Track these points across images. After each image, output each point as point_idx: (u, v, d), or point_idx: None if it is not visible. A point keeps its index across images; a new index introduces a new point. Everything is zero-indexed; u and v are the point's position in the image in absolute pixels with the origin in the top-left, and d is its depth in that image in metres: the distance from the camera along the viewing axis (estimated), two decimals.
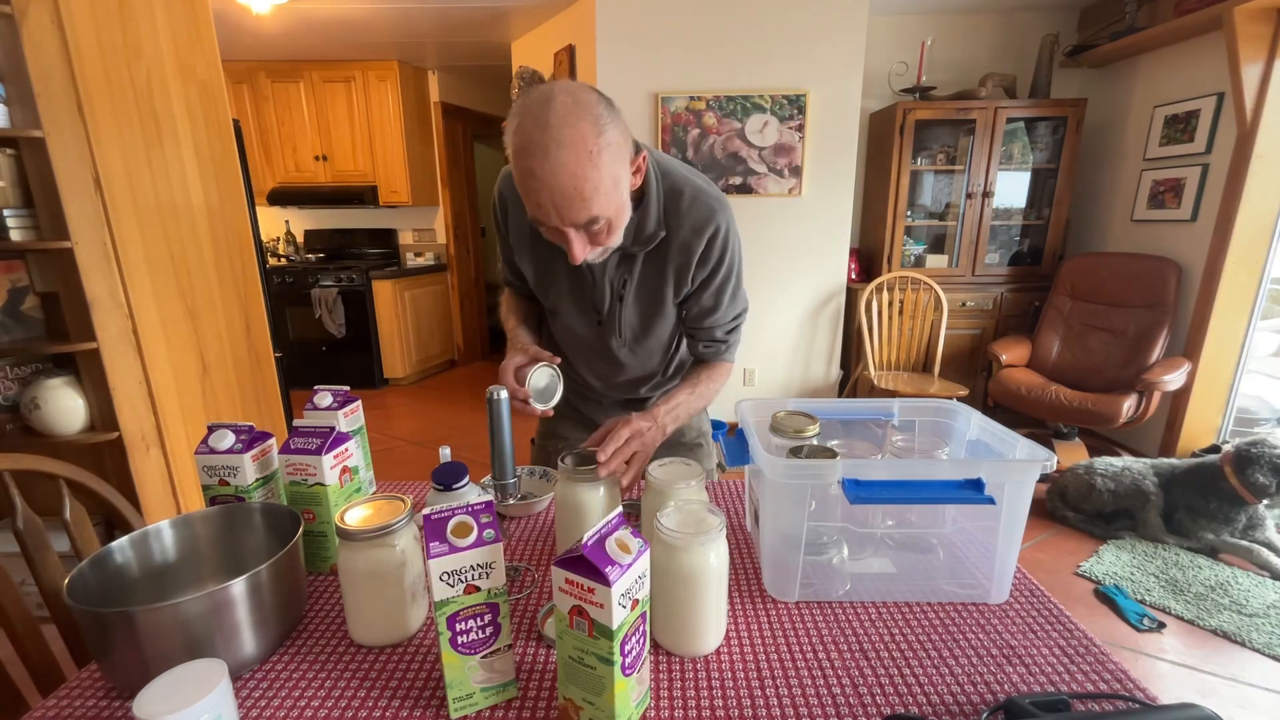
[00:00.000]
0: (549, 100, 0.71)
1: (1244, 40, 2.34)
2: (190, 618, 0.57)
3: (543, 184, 0.71)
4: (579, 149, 0.70)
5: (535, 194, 0.73)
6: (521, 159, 0.71)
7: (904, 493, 0.67)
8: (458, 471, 0.80)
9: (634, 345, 1.03)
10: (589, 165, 0.71)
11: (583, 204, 0.73)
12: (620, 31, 3.04)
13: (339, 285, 4.14)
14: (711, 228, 0.91)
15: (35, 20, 1.39)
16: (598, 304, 0.98)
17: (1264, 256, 2.53)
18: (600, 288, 0.96)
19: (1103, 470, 2.30)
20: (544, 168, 0.70)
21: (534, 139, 0.70)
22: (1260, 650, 1.67)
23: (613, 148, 0.73)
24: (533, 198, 0.73)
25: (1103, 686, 0.59)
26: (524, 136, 0.71)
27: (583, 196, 0.72)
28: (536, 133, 0.70)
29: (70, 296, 1.55)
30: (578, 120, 0.70)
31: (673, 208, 0.90)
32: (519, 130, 0.72)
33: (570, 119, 0.70)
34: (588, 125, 0.71)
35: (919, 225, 3.40)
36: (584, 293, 0.98)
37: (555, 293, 1.00)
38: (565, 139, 0.69)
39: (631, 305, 0.98)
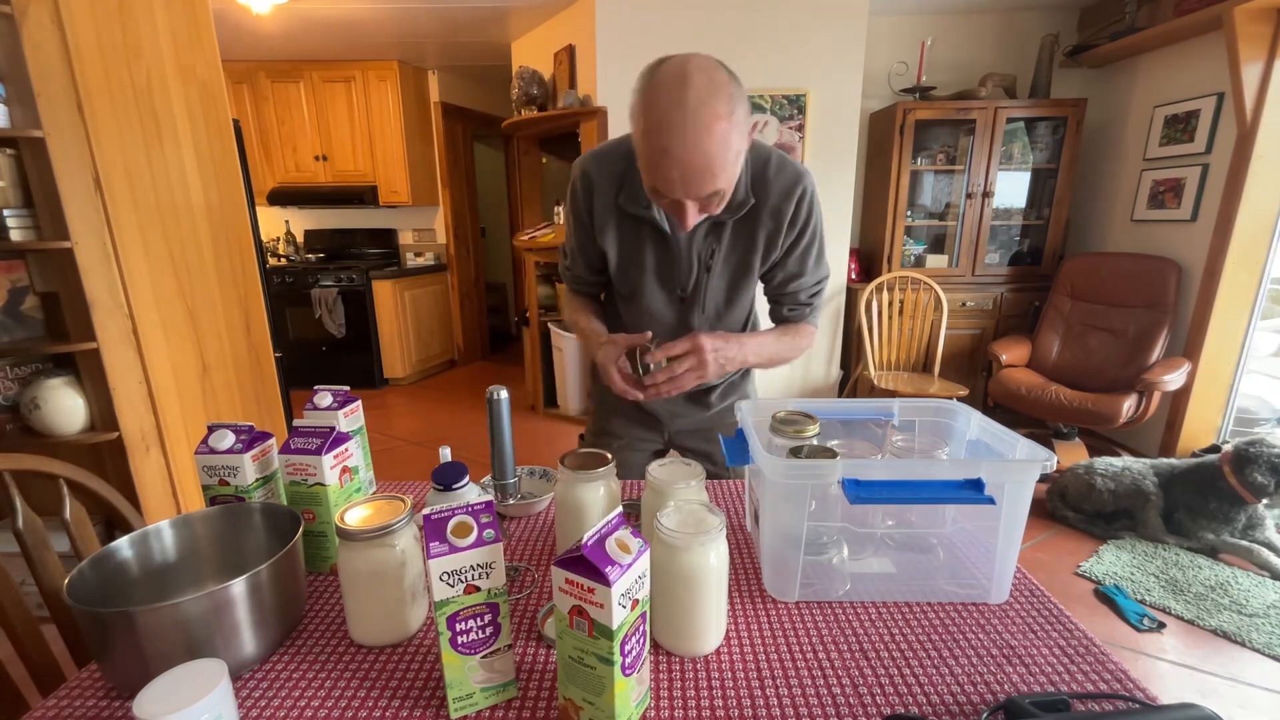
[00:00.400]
0: (686, 79, 0.72)
1: (1244, 40, 2.34)
2: (190, 618, 0.57)
3: (676, 162, 0.74)
4: (715, 130, 0.73)
5: (666, 170, 0.75)
6: (656, 136, 0.73)
7: (904, 493, 0.67)
8: (458, 471, 0.80)
9: (715, 320, 1.06)
10: (722, 145, 0.74)
11: (711, 180, 0.76)
12: (620, 31, 3.04)
13: (339, 285, 4.15)
14: (799, 190, 0.96)
15: (35, 20, 1.39)
16: (683, 279, 1.01)
17: (1264, 256, 2.53)
18: (688, 260, 0.99)
19: (1103, 470, 2.30)
20: (681, 146, 0.73)
21: (671, 118, 0.72)
22: (1260, 650, 1.67)
23: (740, 125, 0.76)
24: (661, 173, 0.76)
25: (1103, 686, 0.59)
26: (660, 114, 0.73)
27: (712, 173, 0.75)
28: (674, 112, 0.72)
29: (70, 296, 1.55)
30: (714, 100, 0.72)
31: (760, 174, 0.94)
32: (652, 106, 0.73)
33: (707, 99, 0.72)
34: (722, 105, 0.73)
35: (919, 225, 3.40)
36: (669, 268, 1.00)
37: (637, 272, 1.01)
38: (703, 119, 0.72)
39: (719, 275, 1.01)
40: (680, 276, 1.01)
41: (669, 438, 1.21)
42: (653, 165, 0.77)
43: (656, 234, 0.98)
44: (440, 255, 4.87)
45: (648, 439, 1.20)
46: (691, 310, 1.04)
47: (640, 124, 0.76)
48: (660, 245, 0.99)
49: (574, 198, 1.01)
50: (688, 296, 1.03)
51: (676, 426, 1.19)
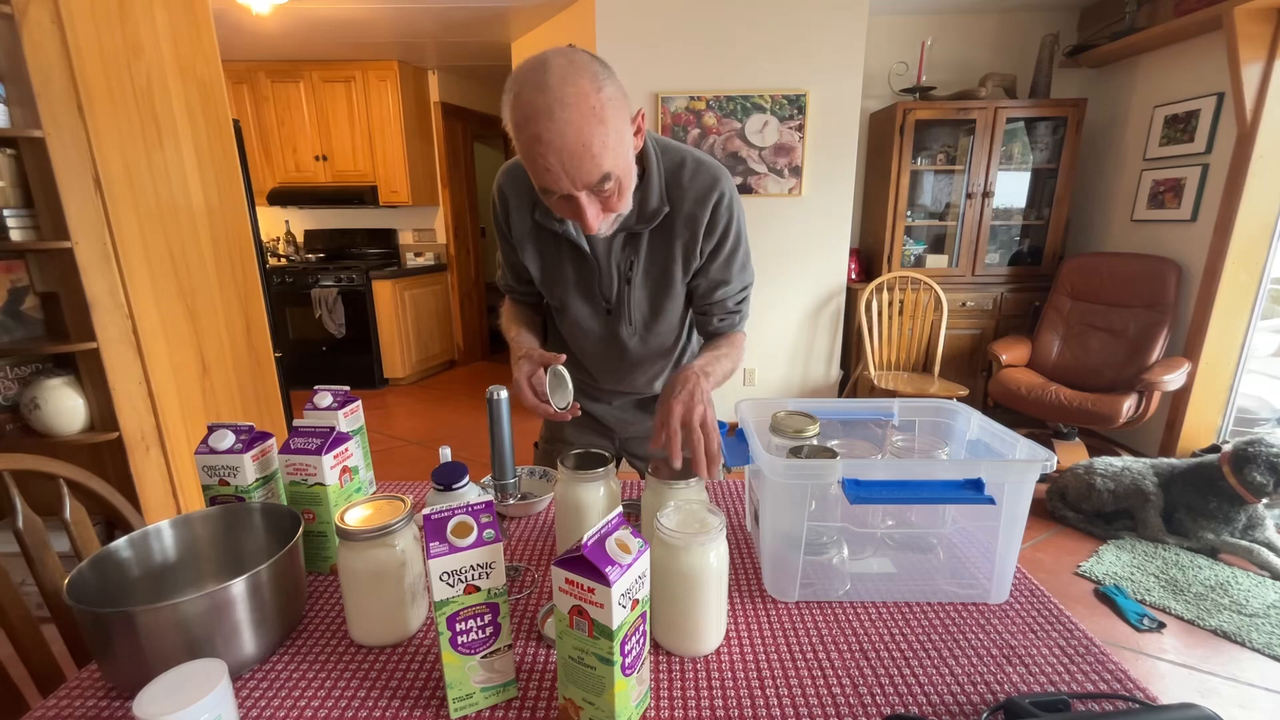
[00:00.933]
0: (544, 64, 0.70)
1: (1244, 40, 2.34)
2: (190, 618, 0.57)
3: (550, 146, 0.70)
4: (582, 105, 0.69)
5: (543, 159, 0.71)
6: (526, 127, 0.70)
7: (904, 493, 0.67)
8: (458, 471, 0.80)
9: (644, 332, 1.03)
10: (594, 120, 0.70)
11: (593, 161, 0.72)
12: (620, 31, 3.04)
13: (339, 285, 4.14)
14: (715, 195, 0.91)
15: (35, 20, 1.39)
16: (605, 291, 0.98)
17: (1264, 256, 2.53)
18: (607, 272, 0.96)
19: (1102, 470, 2.30)
20: (550, 129, 0.69)
21: (536, 104, 0.69)
22: (1260, 650, 1.67)
23: (614, 101, 0.73)
24: (540, 163, 0.72)
25: (1103, 686, 0.59)
26: (525, 104, 0.70)
27: (592, 153, 0.71)
28: (538, 97, 0.69)
29: (70, 296, 1.55)
30: (576, 78, 0.70)
31: (674, 180, 0.90)
32: (518, 100, 0.71)
33: (570, 77, 0.69)
34: (587, 81, 0.70)
35: (919, 225, 3.40)
36: (591, 280, 0.98)
37: (561, 285, 0.99)
38: (568, 97, 0.69)
39: (640, 287, 0.98)
40: (602, 289, 0.98)
41: (620, 444, 1.20)
42: (531, 159, 0.72)
43: (574, 248, 0.95)
44: (440, 255, 4.87)
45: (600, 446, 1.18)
46: (618, 322, 1.01)
47: (511, 125, 0.73)
48: (579, 259, 0.96)
49: (493, 212, 1.00)
50: (612, 309, 1.00)
51: (628, 434, 1.18)
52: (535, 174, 0.74)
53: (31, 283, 1.62)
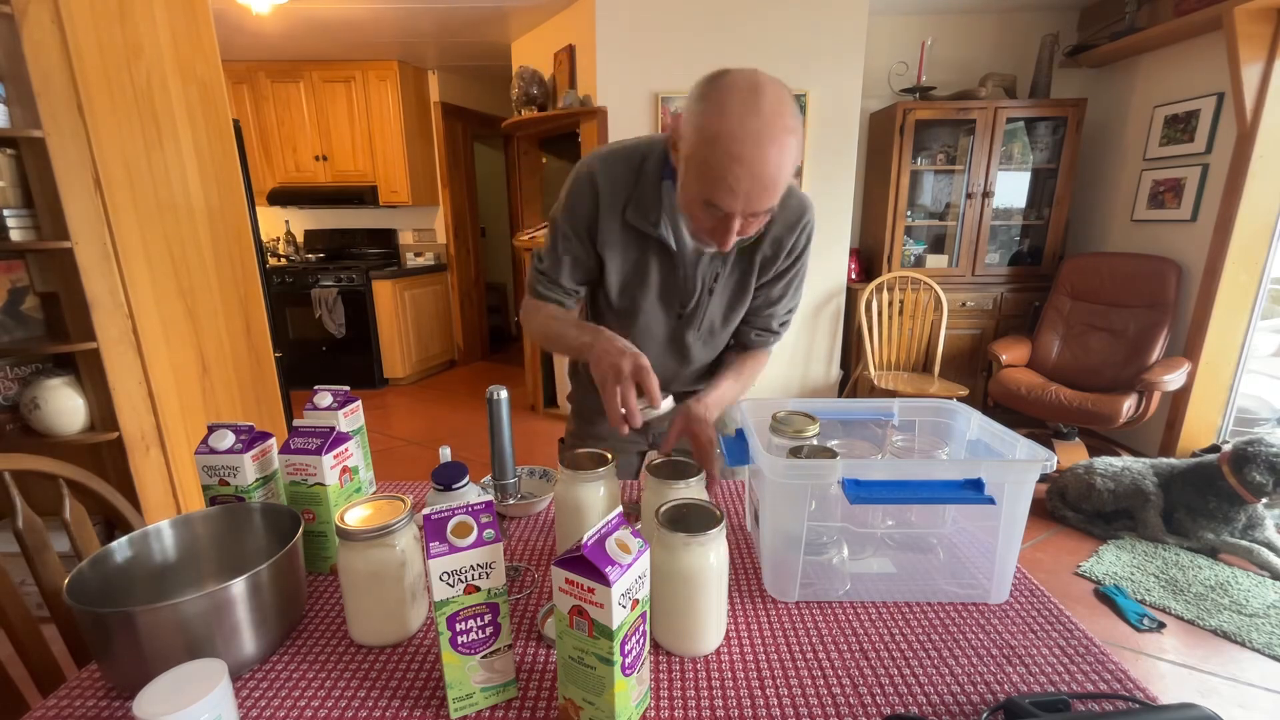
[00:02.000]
0: (759, 89, 0.72)
1: (1244, 40, 2.34)
2: (190, 618, 0.57)
3: (747, 171, 0.72)
4: (784, 142, 0.72)
5: (734, 179, 0.72)
6: (727, 144, 0.71)
7: (904, 493, 0.67)
8: (458, 471, 0.80)
9: (708, 337, 1.06)
10: (788, 159, 0.73)
11: (774, 194, 0.75)
12: (620, 31, 3.04)
13: (339, 285, 4.15)
14: (804, 223, 0.96)
15: (35, 20, 1.39)
16: (684, 298, 1.00)
17: (1264, 256, 2.53)
18: (691, 281, 0.98)
19: (1102, 470, 2.31)
20: (754, 156, 0.71)
21: (746, 126, 0.70)
22: (1260, 650, 1.67)
23: (800, 145, 0.76)
24: (727, 181, 0.73)
25: (1103, 686, 0.59)
26: (733, 122, 0.71)
27: (776, 187, 0.74)
28: (751, 120, 0.70)
29: (70, 296, 1.55)
30: (784, 113, 0.72)
31: None
32: (723, 114, 0.71)
33: (781, 112, 0.72)
34: (791, 119, 0.73)
35: (919, 225, 3.40)
36: (673, 286, 0.99)
37: (640, 290, 0.99)
38: (776, 131, 0.71)
39: (719, 297, 1.01)
40: (684, 296, 1.00)
41: (653, 439, 1.21)
42: (716, 176, 0.73)
43: (663, 252, 0.96)
44: (440, 255, 4.87)
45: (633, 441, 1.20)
46: (687, 329, 1.03)
47: (703, 132, 0.73)
48: (666, 264, 0.97)
49: (574, 201, 0.95)
50: (685, 315, 1.02)
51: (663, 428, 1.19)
52: (713, 188, 0.75)
53: (31, 283, 1.62)
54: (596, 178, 0.93)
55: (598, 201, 0.93)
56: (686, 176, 0.79)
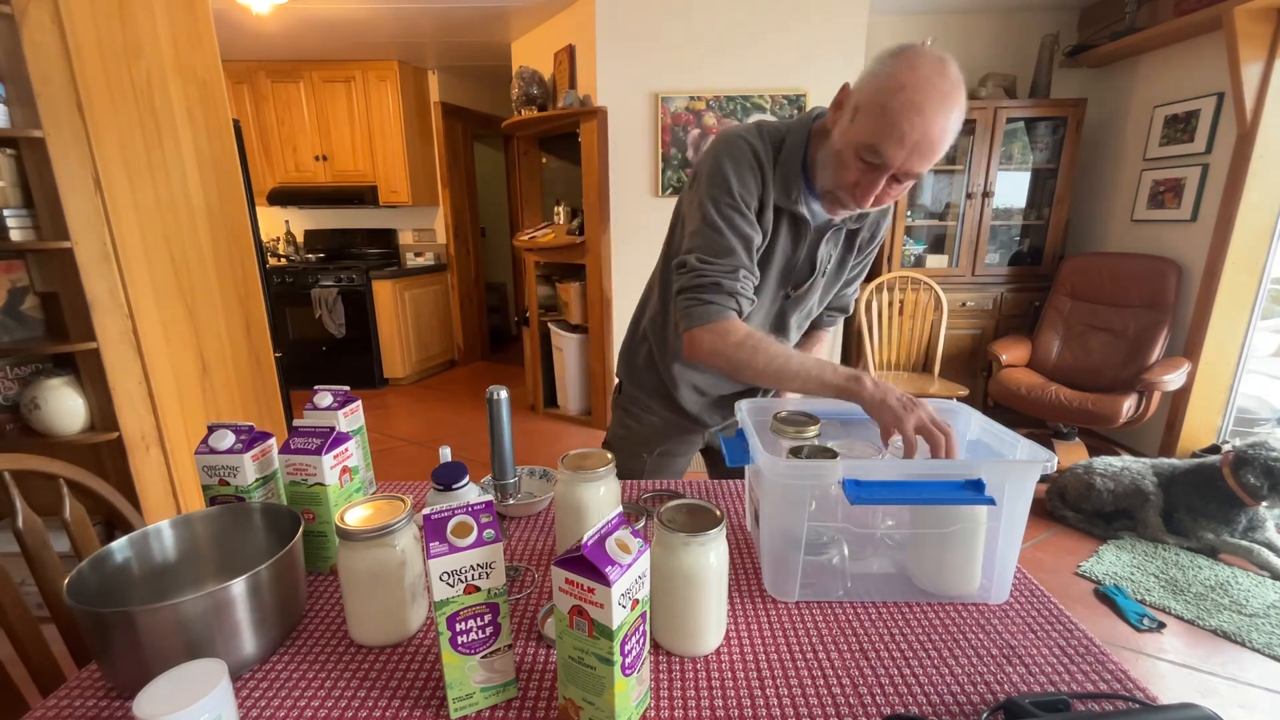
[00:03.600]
0: (947, 62, 0.77)
1: (1244, 40, 2.34)
2: (190, 618, 0.57)
3: (923, 123, 0.75)
4: (955, 114, 0.77)
5: (908, 126, 0.76)
6: (912, 93, 0.75)
7: (904, 493, 0.67)
8: (458, 471, 0.80)
9: (805, 319, 1.08)
10: (952, 130, 0.78)
11: (933, 157, 0.79)
12: (620, 31, 3.04)
13: (339, 285, 4.15)
14: (890, 208, 0.99)
15: (35, 20, 1.39)
16: (799, 279, 1.00)
17: (1264, 256, 2.53)
18: (810, 260, 0.99)
19: (1102, 470, 2.30)
20: (932, 110, 0.75)
21: (935, 84, 0.75)
22: (1260, 650, 1.67)
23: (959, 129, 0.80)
24: (901, 128, 0.76)
25: (1103, 686, 0.59)
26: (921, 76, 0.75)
27: (935, 153, 0.78)
28: (938, 80, 0.75)
29: (70, 296, 1.55)
30: (961, 92, 0.78)
31: None
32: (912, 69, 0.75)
33: (959, 88, 0.77)
34: (963, 99, 0.78)
35: (919, 225, 3.40)
36: (791, 268, 1.00)
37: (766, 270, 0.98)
38: (952, 100, 0.76)
39: (827, 278, 1.03)
40: (798, 277, 1.00)
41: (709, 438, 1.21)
42: (892, 122, 0.76)
43: (795, 231, 0.95)
44: (440, 255, 4.87)
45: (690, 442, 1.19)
46: (791, 311, 1.03)
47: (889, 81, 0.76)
48: (795, 242, 0.96)
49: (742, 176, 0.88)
50: (794, 296, 1.01)
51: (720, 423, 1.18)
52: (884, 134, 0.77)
53: (31, 283, 1.62)
54: (756, 146, 0.90)
55: (764, 169, 0.90)
56: (854, 123, 0.81)
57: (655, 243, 1.09)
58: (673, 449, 1.17)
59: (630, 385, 1.18)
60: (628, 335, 1.19)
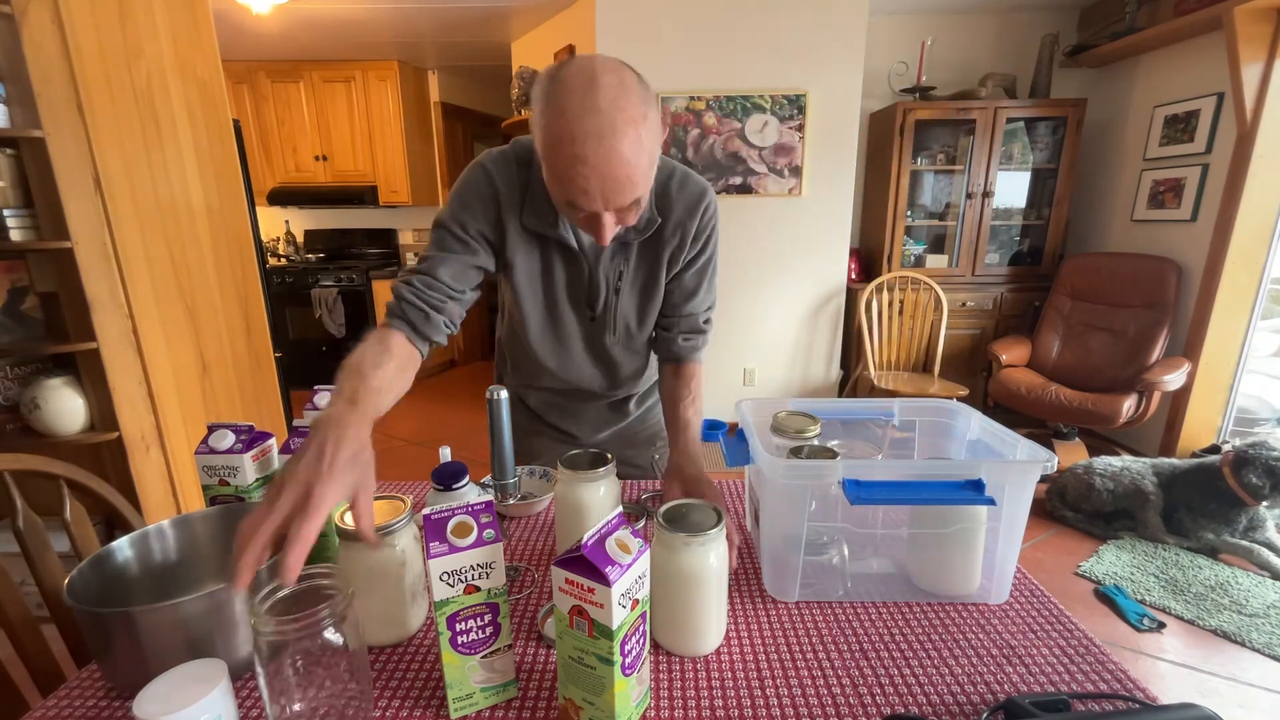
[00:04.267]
0: (593, 81, 0.67)
1: (1244, 40, 2.34)
2: (190, 618, 0.57)
3: (594, 171, 0.68)
4: (629, 133, 0.68)
5: (584, 180, 0.69)
6: (569, 146, 0.67)
7: (904, 493, 0.67)
8: (458, 471, 0.80)
9: (627, 340, 1.02)
10: (638, 148, 0.69)
11: (631, 187, 0.71)
12: (620, 31, 3.04)
13: (339, 285, 4.15)
14: (704, 204, 0.92)
15: (35, 20, 1.39)
16: (592, 299, 0.96)
17: (1264, 256, 2.53)
18: (595, 281, 0.94)
19: (1102, 470, 2.30)
20: (597, 154, 0.67)
21: (585, 125, 0.66)
22: (1260, 650, 1.67)
23: (654, 127, 0.72)
24: (579, 184, 0.69)
25: (1103, 686, 0.59)
26: (571, 122, 0.67)
27: (633, 182, 0.70)
28: (588, 119, 0.66)
29: (70, 296, 1.55)
30: (627, 103, 0.67)
31: (663, 191, 0.90)
32: (561, 114, 0.67)
33: (620, 102, 0.67)
34: (635, 107, 0.68)
35: (919, 225, 3.40)
36: (579, 289, 0.96)
37: (549, 294, 0.96)
38: (618, 124, 0.67)
39: (628, 296, 0.97)
40: (590, 297, 0.96)
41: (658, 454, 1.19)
42: (566, 179, 0.70)
43: (565, 252, 0.92)
44: None
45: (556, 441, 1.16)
46: (603, 331, 0.99)
47: (548, 134, 0.69)
48: (569, 265, 0.93)
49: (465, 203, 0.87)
50: (597, 317, 0.98)
51: (595, 439, 1.16)
52: (566, 191, 0.71)
53: (31, 283, 1.62)
54: (497, 182, 0.86)
55: (498, 198, 0.87)
56: (546, 175, 0.75)
57: None
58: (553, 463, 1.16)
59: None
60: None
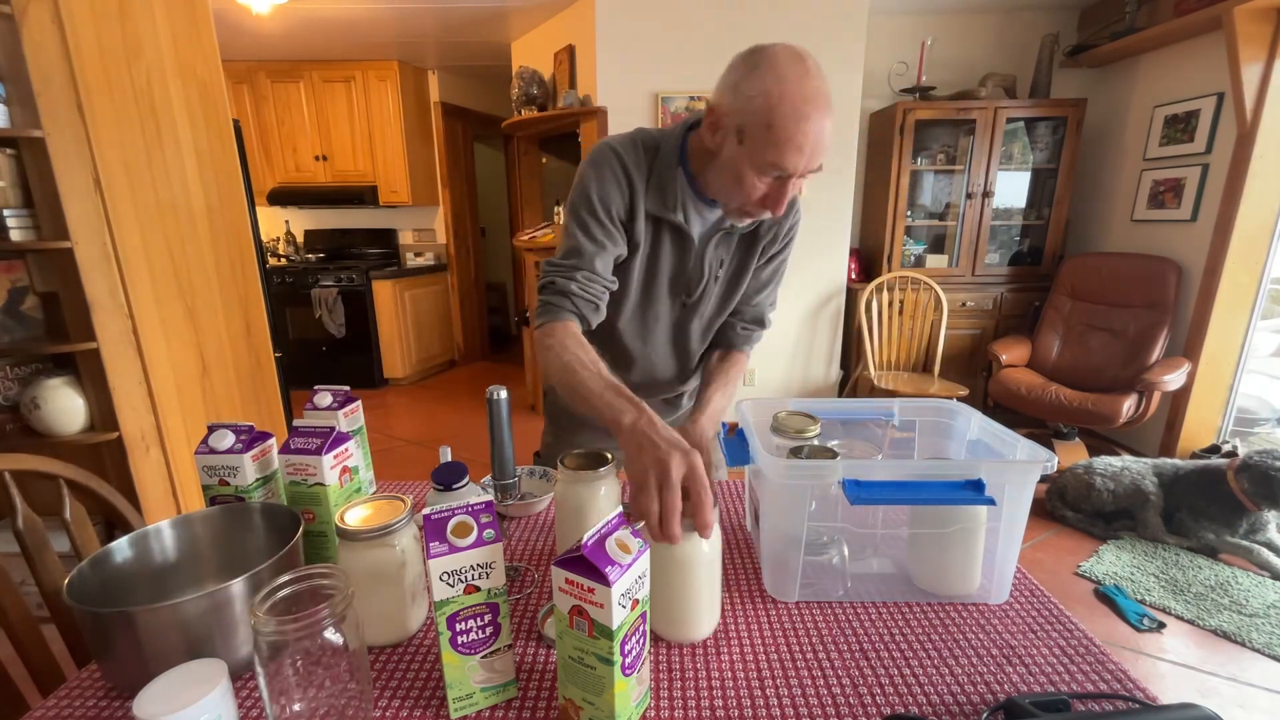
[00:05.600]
0: (802, 57, 0.77)
1: (1244, 40, 2.34)
2: (190, 618, 0.57)
3: (814, 129, 0.76)
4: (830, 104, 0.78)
5: (804, 138, 0.76)
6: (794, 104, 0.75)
7: (904, 493, 0.67)
8: (458, 471, 0.80)
9: (706, 329, 1.06)
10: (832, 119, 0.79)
11: (824, 153, 0.80)
12: (620, 31, 3.04)
13: (339, 285, 4.15)
14: (797, 205, 0.99)
15: (35, 20, 1.39)
16: (691, 286, 1.00)
17: (1264, 256, 2.53)
18: (700, 267, 0.98)
19: (1102, 470, 2.30)
20: (817, 114, 0.76)
21: (806, 89, 0.75)
22: (1260, 650, 1.67)
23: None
24: (796, 141, 0.76)
25: (1103, 686, 0.59)
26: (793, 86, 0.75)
27: (826, 146, 0.79)
28: (808, 83, 0.75)
29: (70, 296, 1.55)
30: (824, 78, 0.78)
31: None
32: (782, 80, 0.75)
33: (822, 76, 0.77)
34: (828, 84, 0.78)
35: (919, 225, 3.40)
36: (681, 275, 0.99)
37: (653, 278, 0.98)
38: (825, 94, 0.77)
39: (722, 284, 1.01)
40: (690, 284, 0.99)
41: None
42: (785, 138, 0.76)
43: (677, 237, 0.95)
44: (440, 255, 4.87)
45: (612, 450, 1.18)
46: (691, 318, 1.03)
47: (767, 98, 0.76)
48: (678, 251, 0.96)
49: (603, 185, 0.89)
50: (690, 304, 1.01)
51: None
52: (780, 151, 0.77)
53: (31, 283, 1.62)
54: (628, 165, 0.90)
55: (631, 179, 0.91)
56: (745, 145, 0.80)
57: None
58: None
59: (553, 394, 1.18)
60: None
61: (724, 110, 0.81)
